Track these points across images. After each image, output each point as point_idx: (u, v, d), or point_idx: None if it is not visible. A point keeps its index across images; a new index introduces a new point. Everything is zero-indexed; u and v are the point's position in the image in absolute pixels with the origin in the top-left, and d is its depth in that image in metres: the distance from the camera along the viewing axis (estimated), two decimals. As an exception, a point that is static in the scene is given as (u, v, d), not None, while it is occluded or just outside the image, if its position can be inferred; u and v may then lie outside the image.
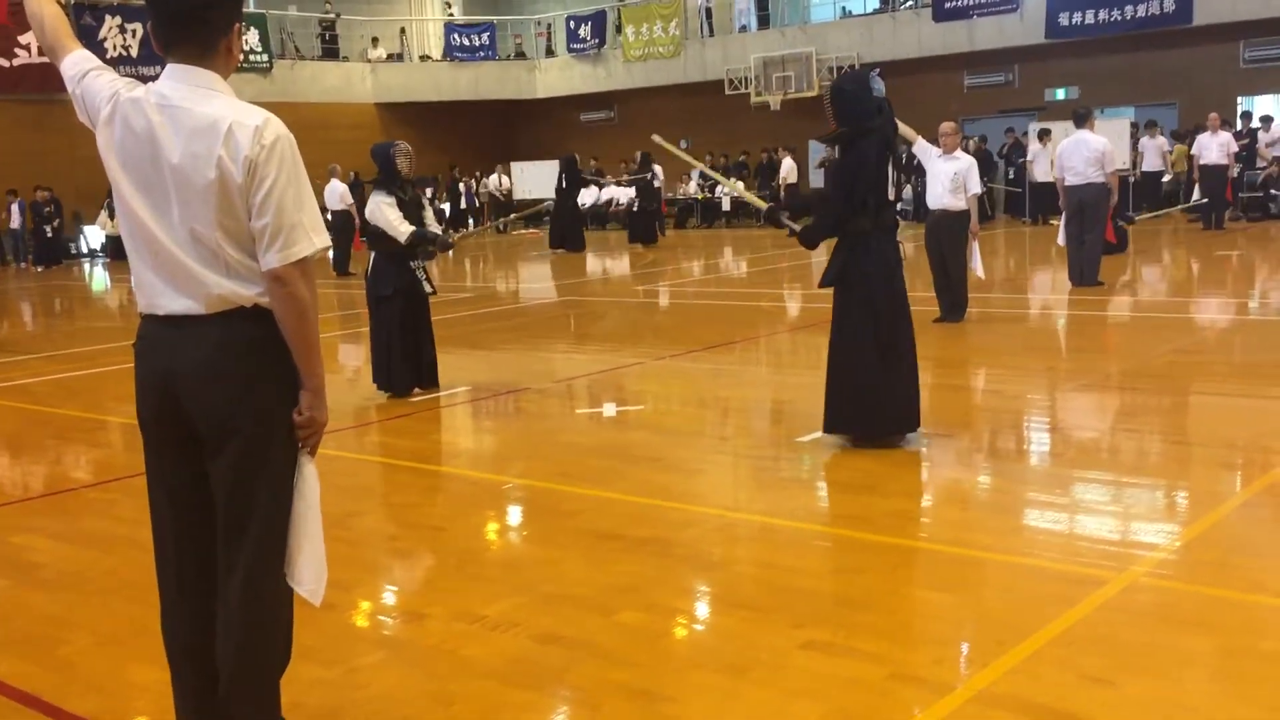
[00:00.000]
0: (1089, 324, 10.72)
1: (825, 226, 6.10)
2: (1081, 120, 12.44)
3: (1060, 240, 12.85)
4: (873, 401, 5.98)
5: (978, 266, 10.52)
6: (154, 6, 2.73)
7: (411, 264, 7.96)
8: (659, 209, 24.83)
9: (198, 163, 2.62)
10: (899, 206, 6.43)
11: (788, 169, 26.30)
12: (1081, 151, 12.16)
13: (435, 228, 8.11)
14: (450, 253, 8.46)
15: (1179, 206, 19.66)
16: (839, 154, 6.14)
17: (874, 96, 5.92)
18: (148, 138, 2.68)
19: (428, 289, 8.08)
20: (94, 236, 26.55)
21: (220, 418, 2.72)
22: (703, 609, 4.17)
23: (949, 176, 10.10)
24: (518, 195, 30.28)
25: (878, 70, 5.74)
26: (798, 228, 6.32)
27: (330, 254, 18.20)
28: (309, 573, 2.81)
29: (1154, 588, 4.05)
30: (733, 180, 18.11)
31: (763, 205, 7.04)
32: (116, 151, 2.73)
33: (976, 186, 10.20)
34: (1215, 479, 5.47)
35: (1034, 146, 22.10)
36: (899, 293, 6.07)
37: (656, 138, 8.06)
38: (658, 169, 24.74)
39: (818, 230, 6.16)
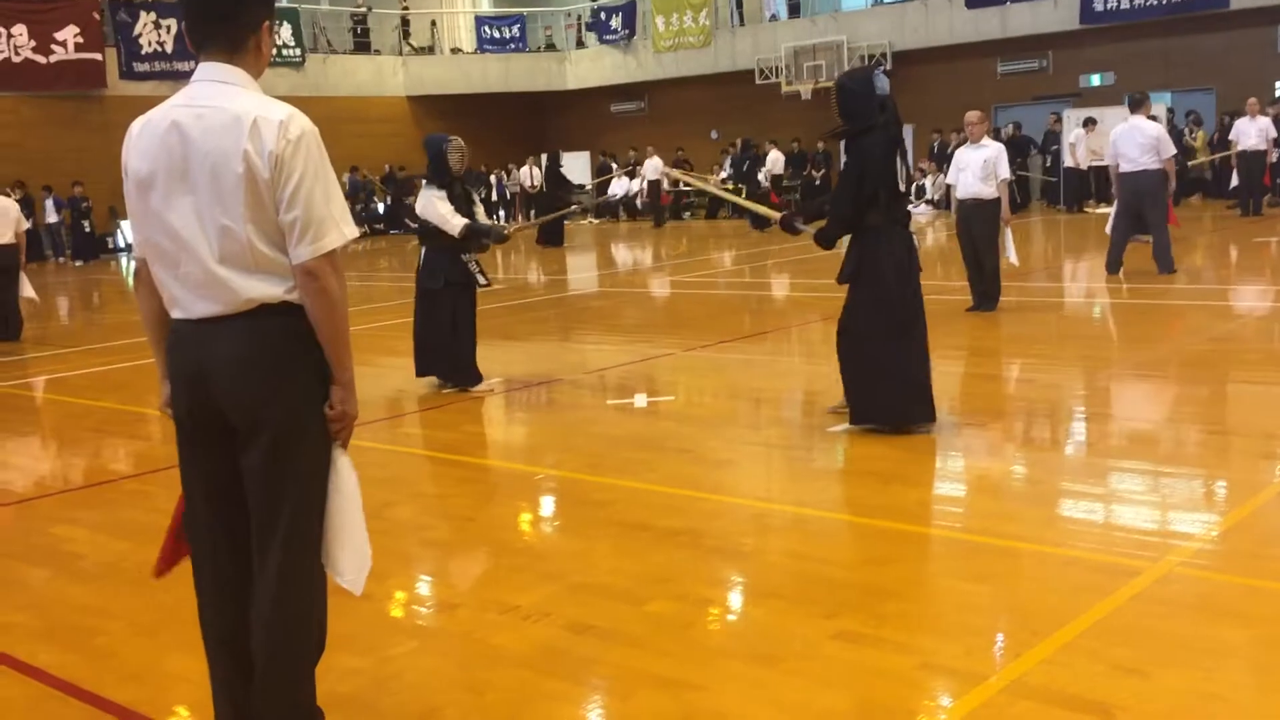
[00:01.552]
0: (1124, 312, 10.62)
1: (840, 224, 6.21)
2: (1136, 106, 12.14)
3: (1108, 228, 12.65)
4: (889, 390, 6.08)
5: (1012, 254, 10.46)
6: (185, 5, 2.77)
7: (464, 257, 7.93)
8: (767, 193, 24.75)
9: (226, 158, 2.64)
10: (931, 195, 6.58)
11: (773, 160, 26.27)
12: (1135, 138, 11.91)
13: (485, 221, 8.07)
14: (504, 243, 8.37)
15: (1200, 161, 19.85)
16: (845, 150, 6.24)
17: (878, 93, 6.05)
18: (178, 137, 2.69)
19: (481, 281, 8.04)
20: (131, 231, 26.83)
21: (251, 409, 2.74)
22: (734, 599, 4.17)
23: (979, 164, 10.05)
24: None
25: (882, 67, 5.90)
26: (813, 230, 6.46)
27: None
28: (349, 564, 2.85)
29: (1189, 578, 4.01)
30: (743, 197, 18.18)
31: (775, 215, 7.18)
32: (148, 158, 2.73)
33: (1006, 172, 10.14)
34: (1252, 469, 5.41)
35: (1077, 132, 21.90)
36: (913, 283, 6.12)
37: (668, 170, 8.29)
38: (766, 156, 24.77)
39: (833, 229, 6.28)
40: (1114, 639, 3.49)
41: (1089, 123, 21.86)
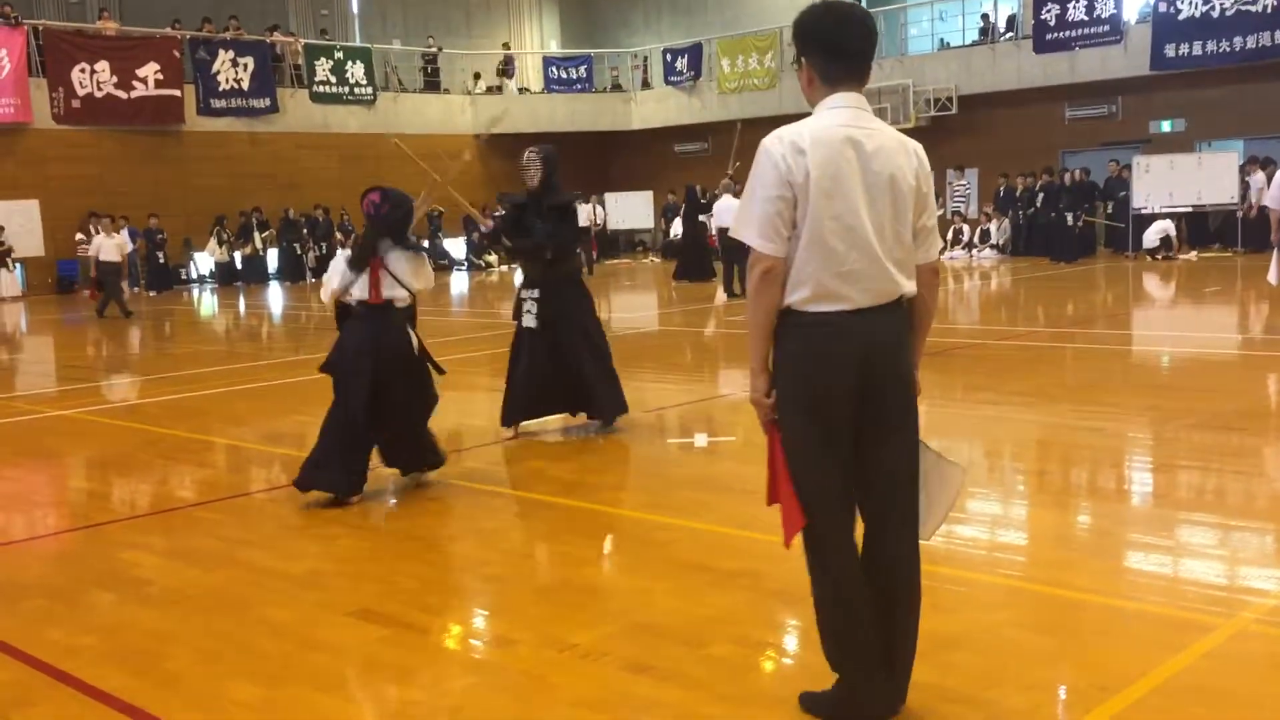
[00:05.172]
0: (1193, 361, 10.41)
1: (550, 251, 7.55)
2: None
3: (1272, 278, 12.02)
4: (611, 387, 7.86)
5: None
6: (830, 52, 3.24)
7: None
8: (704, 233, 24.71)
9: (902, 173, 3.18)
10: (996, 240, 6.60)
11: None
12: None
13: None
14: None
15: None
16: (554, 208, 7.59)
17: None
18: (854, 152, 3.15)
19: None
20: (203, 263, 27.37)
21: (904, 391, 3.24)
22: (793, 643, 4.13)
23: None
24: (612, 225, 30.52)
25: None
26: (514, 245, 7.79)
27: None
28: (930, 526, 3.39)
29: (1264, 635, 3.91)
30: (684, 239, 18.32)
31: (486, 225, 8.70)
32: (829, 168, 3.13)
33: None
34: (1330, 524, 5.27)
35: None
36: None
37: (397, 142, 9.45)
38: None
39: (541, 251, 7.55)
40: (1187, 697, 3.40)
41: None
